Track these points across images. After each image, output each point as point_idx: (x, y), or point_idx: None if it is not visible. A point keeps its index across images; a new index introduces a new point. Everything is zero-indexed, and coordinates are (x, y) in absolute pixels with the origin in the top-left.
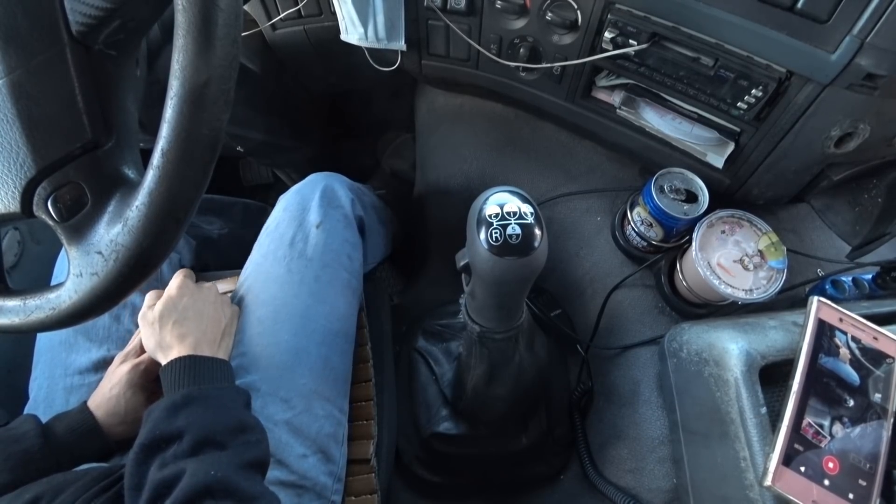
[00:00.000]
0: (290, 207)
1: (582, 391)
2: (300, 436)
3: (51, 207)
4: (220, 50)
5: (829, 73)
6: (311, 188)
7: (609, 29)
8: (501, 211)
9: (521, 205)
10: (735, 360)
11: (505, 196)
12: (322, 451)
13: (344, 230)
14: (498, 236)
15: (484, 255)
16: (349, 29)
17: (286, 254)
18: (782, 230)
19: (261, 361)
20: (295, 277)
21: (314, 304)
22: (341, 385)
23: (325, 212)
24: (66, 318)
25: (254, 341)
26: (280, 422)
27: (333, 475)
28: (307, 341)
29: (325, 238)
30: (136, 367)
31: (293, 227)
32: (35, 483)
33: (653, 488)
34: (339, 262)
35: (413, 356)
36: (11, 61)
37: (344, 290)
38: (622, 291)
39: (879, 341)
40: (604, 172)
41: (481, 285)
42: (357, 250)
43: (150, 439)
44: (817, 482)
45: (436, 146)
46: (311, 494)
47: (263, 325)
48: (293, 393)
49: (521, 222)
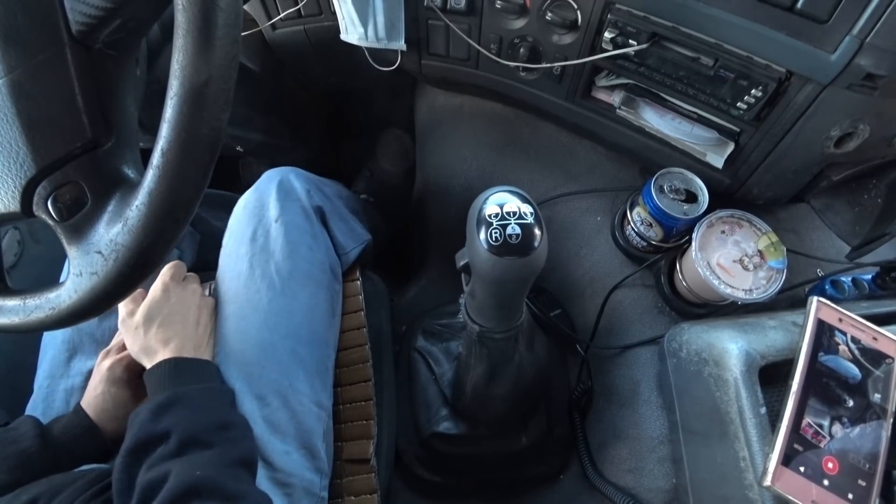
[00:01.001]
0: (249, 205)
1: (582, 391)
2: (279, 432)
3: (51, 207)
4: (220, 50)
5: (829, 74)
6: (267, 183)
7: (609, 29)
8: (501, 211)
9: (521, 205)
10: (735, 360)
11: (505, 196)
12: (305, 447)
13: (302, 221)
14: (498, 236)
15: (484, 255)
16: (349, 29)
17: (248, 250)
18: (782, 230)
19: (231, 359)
20: (256, 272)
21: (275, 297)
22: (316, 378)
23: (283, 205)
24: (66, 317)
25: (223, 340)
26: (258, 419)
27: (320, 471)
28: (272, 335)
29: (284, 231)
30: (119, 363)
31: (253, 224)
32: (33, 484)
33: (652, 488)
34: (298, 253)
35: (413, 356)
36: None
37: (306, 282)
38: (622, 291)
39: (879, 341)
40: (604, 172)
41: (481, 285)
42: (317, 240)
43: (135, 443)
44: (817, 482)
45: (436, 146)
46: (300, 492)
47: (231, 323)
48: (266, 389)
49: (521, 222)
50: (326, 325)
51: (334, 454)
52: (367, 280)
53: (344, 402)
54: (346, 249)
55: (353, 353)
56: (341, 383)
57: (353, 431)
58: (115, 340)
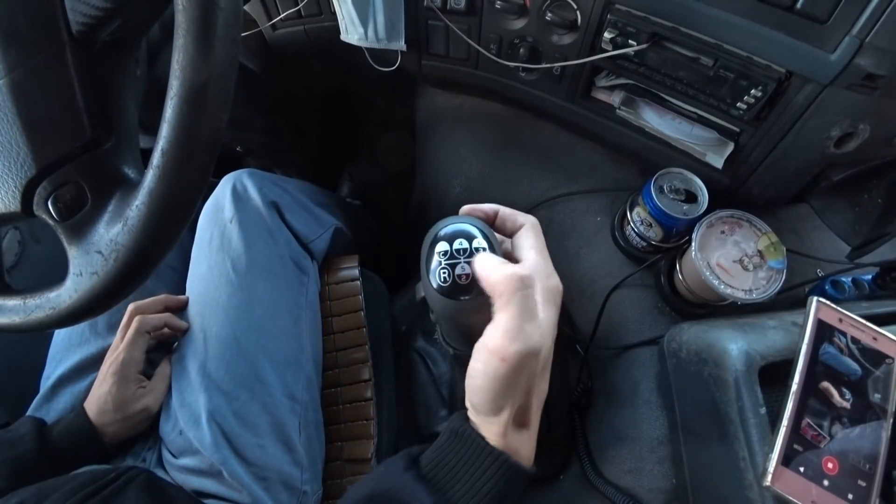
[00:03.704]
0: (208, 211)
1: (581, 391)
2: (250, 426)
3: (51, 207)
4: (220, 50)
5: (829, 73)
6: (222, 188)
7: (609, 29)
8: (451, 248)
9: (473, 239)
10: (734, 361)
11: (455, 229)
12: (280, 440)
13: (257, 218)
14: (447, 276)
15: (434, 296)
16: (349, 29)
17: (207, 254)
18: (782, 230)
19: (197, 358)
20: (214, 272)
21: (234, 292)
22: (287, 370)
23: (237, 206)
24: (66, 317)
25: (187, 340)
26: (227, 415)
27: (299, 464)
28: (234, 329)
29: (239, 229)
30: (115, 360)
31: (210, 228)
32: (24, 488)
33: (652, 488)
34: (254, 247)
35: (412, 356)
36: (12, 60)
37: (265, 275)
38: (622, 291)
39: (879, 342)
40: (604, 172)
41: (442, 320)
42: (273, 234)
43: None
44: (816, 482)
45: (435, 146)
46: (279, 486)
47: (195, 323)
48: (233, 384)
49: (471, 260)
50: (293, 316)
51: (334, 454)
52: (367, 280)
53: (344, 402)
54: (310, 238)
55: (353, 353)
56: (341, 383)
57: (353, 431)
58: (116, 339)
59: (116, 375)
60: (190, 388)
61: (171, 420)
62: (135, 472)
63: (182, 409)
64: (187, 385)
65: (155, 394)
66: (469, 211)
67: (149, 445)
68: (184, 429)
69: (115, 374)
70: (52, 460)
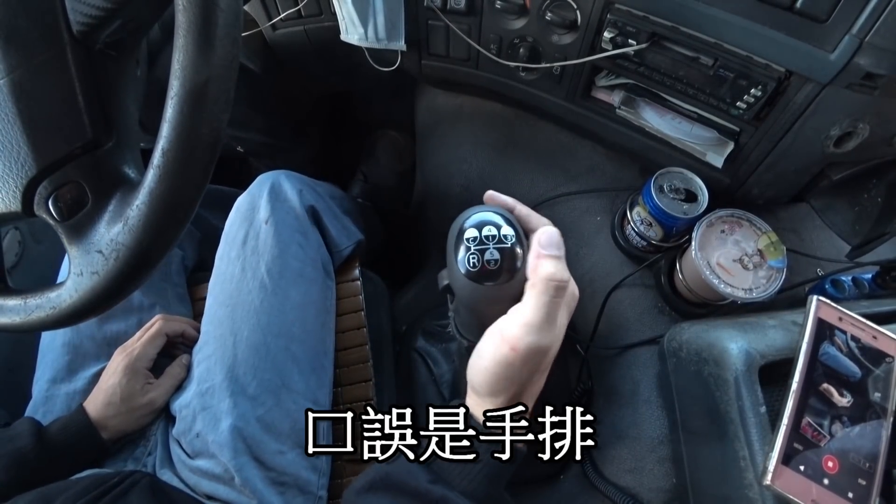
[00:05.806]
0: (241, 209)
1: (582, 391)
2: (273, 432)
3: (51, 207)
4: (220, 50)
5: (829, 73)
6: (259, 187)
7: (608, 29)
8: (480, 234)
9: (501, 227)
10: (734, 360)
11: (483, 218)
12: (300, 445)
13: (293, 221)
14: (476, 262)
15: (461, 281)
16: (349, 29)
17: (239, 254)
18: (782, 230)
19: (224, 361)
20: (248, 274)
21: (266, 297)
22: (311, 376)
23: (273, 207)
24: (67, 317)
25: (215, 343)
26: (251, 420)
27: (317, 470)
28: (264, 335)
29: (274, 232)
30: (129, 354)
31: (245, 227)
32: (27, 493)
33: (653, 488)
34: (288, 252)
35: (413, 356)
36: (12, 61)
37: (297, 280)
38: (622, 291)
39: (879, 340)
40: (604, 172)
41: (463, 308)
42: (308, 238)
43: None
44: (817, 481)
45: (436, 146)
46: (294, 490)
47: (224, 326)
48: (260, 389)
49: (500, 246)
50: (320, 321)
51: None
52: (367, 280)
53: (344, 402)
54: (339, 247)
55: (354, 353)
56: (341, 383)
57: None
58: (132, 339)
59: (129, 369)
60: (214, 391)
61: (188, 421)
62: (138, 476)
63: (204, 412)
64: (211, 388)
65: (161, 390)
66: (491, 197)
67: (150, 450)
68: (202, 431)
69: (127, 367)
70: (51, 455)
